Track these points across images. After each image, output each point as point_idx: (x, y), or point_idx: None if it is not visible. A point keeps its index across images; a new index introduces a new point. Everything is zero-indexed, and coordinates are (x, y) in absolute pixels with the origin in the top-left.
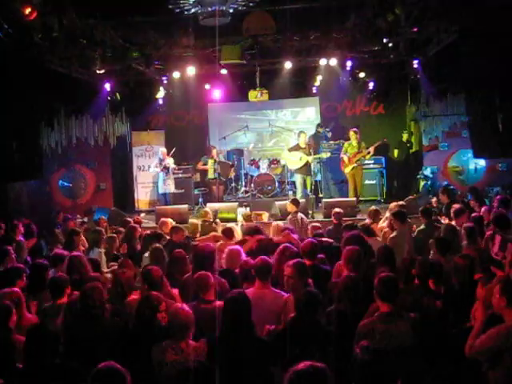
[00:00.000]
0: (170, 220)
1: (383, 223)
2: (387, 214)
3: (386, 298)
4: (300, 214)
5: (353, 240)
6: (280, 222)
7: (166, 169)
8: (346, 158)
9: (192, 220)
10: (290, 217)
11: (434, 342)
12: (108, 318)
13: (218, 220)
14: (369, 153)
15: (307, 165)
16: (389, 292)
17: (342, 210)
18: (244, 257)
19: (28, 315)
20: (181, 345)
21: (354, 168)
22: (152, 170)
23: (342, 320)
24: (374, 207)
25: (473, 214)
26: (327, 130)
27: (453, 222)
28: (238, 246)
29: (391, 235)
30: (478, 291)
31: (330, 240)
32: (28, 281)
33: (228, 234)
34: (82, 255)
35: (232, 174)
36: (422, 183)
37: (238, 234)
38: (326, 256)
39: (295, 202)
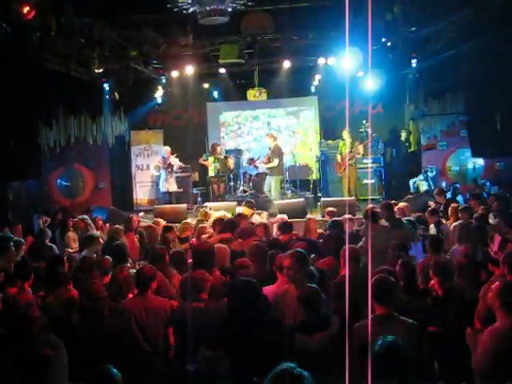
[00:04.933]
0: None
1: None
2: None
3: (381, 300)
4: (256, 216)
5: None
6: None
7: (170, 167)
8: (338, 158)
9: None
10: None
11: (428, 343)
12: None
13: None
14: (359, 153)
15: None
16: (384, 294)
17: (335, 209)
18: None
19: None
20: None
21: (346, 168)
22: (154, 169)
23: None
24: (370, 206)
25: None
26: (366, 123)
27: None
28: (223, 245)
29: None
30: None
31: None
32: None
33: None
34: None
35: (231, 165)
36: (422, 184)
37: None
38: None
39: (249, 204)
